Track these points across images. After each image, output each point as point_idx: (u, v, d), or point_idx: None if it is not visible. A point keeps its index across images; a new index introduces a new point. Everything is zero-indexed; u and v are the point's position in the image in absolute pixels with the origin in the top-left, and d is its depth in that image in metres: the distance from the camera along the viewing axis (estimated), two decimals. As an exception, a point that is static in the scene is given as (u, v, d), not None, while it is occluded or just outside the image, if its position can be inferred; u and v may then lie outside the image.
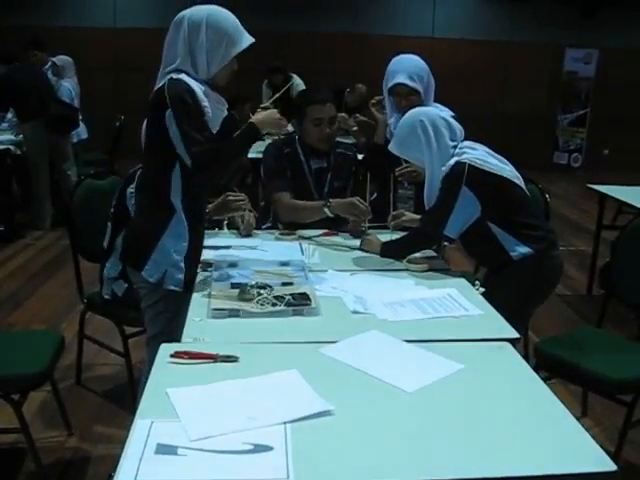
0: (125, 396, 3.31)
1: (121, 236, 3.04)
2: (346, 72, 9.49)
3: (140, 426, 1.51)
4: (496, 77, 11.13)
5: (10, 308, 4.63)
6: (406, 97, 3.20)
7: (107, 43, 10.55)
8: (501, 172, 2.68)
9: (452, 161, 2.69)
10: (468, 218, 2.68)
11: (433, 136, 2.73)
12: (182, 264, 2.49)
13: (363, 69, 10.38)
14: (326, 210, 3.09)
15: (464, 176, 2.62)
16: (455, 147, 2.74)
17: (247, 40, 2.42)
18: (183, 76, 2.37)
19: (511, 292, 2.66)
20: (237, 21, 2.42)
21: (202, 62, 2.38)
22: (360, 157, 3.63)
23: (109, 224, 3.11)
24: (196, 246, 2.57)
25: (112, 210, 3.09)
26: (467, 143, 2.77)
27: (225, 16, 2.40)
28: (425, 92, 3.21)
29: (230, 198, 3.00)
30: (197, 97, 2.35)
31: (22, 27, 9.76)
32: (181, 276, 2.49)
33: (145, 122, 2.54)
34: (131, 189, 2.97)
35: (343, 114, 7.16)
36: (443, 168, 2.70)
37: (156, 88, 2.41)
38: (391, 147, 2.87)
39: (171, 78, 2.36)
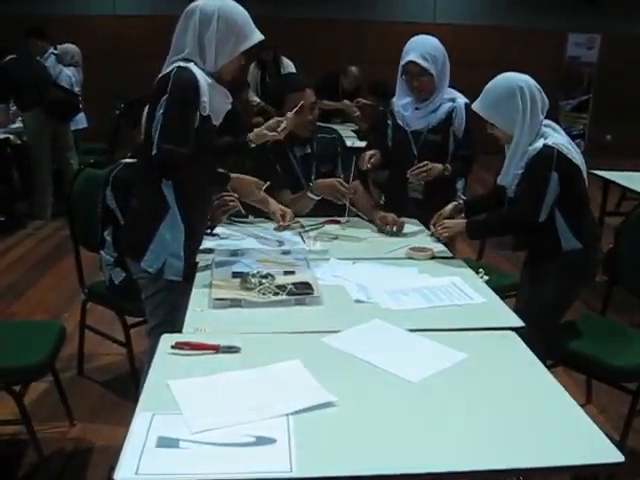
0: (127, 386, 3.30)
1: (108, 231, 3.03)
2: (347, 58, 9.40)
3: (141, 419, 1.49)
4: (498, 62, 10.97)
5: (11, 298, 4.62)
6: (417, 77, 3.13)
7: (107, 31, 10.48)
8: (578, 163, 2.64)
9: (539, 143, 2.61)
10: (551, 201, 2.63)
11: (529, 105, 2.61)
12: (182, 253, 2.46)
13: (364, 55, 10.33)
14: (309, 194, 3.09)
15: (554, 161, 2.57)
16: (541, 122, 2.66)
17: (257, 37, 2.41)
18: (191, 65, 2.34)
19: (559, 283, 2.70)
20: (248, 16, 2.40)
21: (210, 54, 2.35)
22: (363, 144, 3.60)
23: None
24: (193, 237, 2.53)
25: (100, 207, 3.08)
26: (549, 122, 2.69)
27: (237, 10, 2.38)
28: (439, 76, 3.15)
29: (226, 198, 2.88)
30: (199, 90, 2.32)
31: (20, 16, 9.69)
32: (180, 265, 2.47)
33: (146, 110, 2.50)
34: (108, 192, 2.93)
35: (345, 101, 7.18)
36: (529, 148, 2.61)
37: (161, 75, 2.38)
38: (478, 107, 2.70)
39: (179, 66, 2.32)
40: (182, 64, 2.33)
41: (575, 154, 2.64)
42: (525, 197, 2.66)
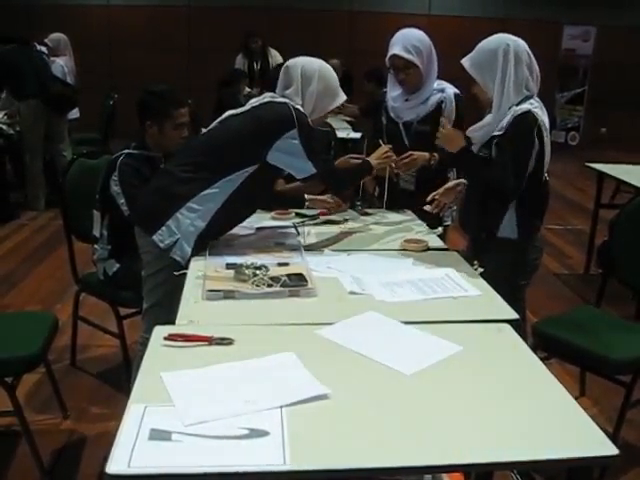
0: (120, 377, 3.29)
1: (105, 222, 3.05)
2: (342, 50, 9.39)
3: (133, 411, 1.48)
4: (493, 55, 11.02)
5: (5, 289, 4.60)
6: (403, 70, 3.14)
7: (100, 20, 10.42)
8: (546, 150, 2.59)
9: (524, 106, 2.54)
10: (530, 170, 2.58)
11: (513, 65, 2.55)
12: (193, 240, 2.54)
13: (358, 46, 10.30)
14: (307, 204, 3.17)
15: (535, 127, 2.52)
16: (528, 98, 2.58)
17: (342, 97, 2.76)
18: (301, 108, 2.60)
19: (498, 272, 2.61)
20: (337, 78, 2.74)
21: (308, 107, 2.64)
22: (358, 135, 3.62)
23: (95, 212, 3.10)
24: (214, 232, 2.62)
25: (97, 197, 3.08)
26: (540, 102, 2.62)
27: (332, 73, 2.73)
28: (426, 67, 3.14)
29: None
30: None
31: (14, 5, 9.65)
32: (188, 251, 2.54)
33: (232, 117, 2.65)
34: (114, 177, 2.95)
35: None
36: (515, 107, 2.55)
37: (270, 101, 2.63)
38: (464, 61, 2.68)
39: (293, 106, 2.57)
40: (294, 105, 2.58)
41: (549, 139, 2.60)
42: (508, 162, 2.55)
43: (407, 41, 3.11)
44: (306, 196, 3.11)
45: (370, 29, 10.41)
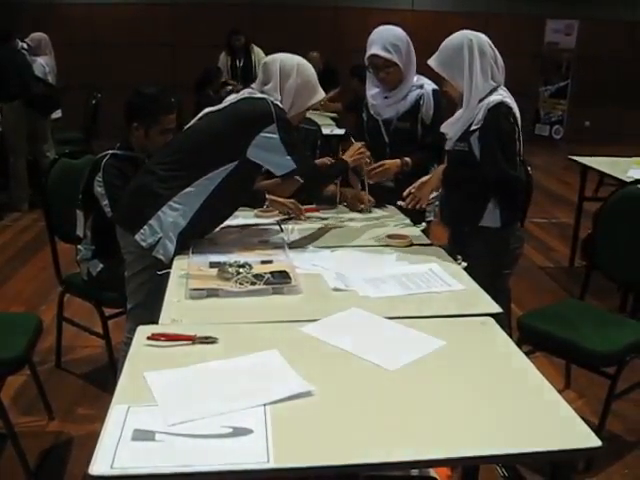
0: (106, 378, 3.27)
1: (89, 222, 3.03)
2: (327, 46, 9.37)
3: (116, 411, 1.47)
4: (477, 49, 11.04)
5: (-11, 291, 4.57)
6: (383, 69, 3.14)
7: (83, 19, 10.35)
8: (520, 143, 2.67)
9: (497, 97, 2.63)
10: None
11: (478, 59, 2.64)
12: (175, 238, 2.52)
13: (343, 43, 10.27)
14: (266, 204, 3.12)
15: (510, 116, 2.63)
16: (495, 89, 2.66)
17: (321, 94, 2.74)
18: (280, 104, 2.58)
19: (484, 264, 2.64)
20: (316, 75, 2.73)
21: (287, 102, 2.61)
22: (342, 132, 3.62)
23: (78, 212, 3.08)
24: (196, 230, 2.60)
25: (80, 197, 3.06)
26: (505, 89, 2.70)
27: (311, 68, 2.71)
28: (405, 65, 3.15)
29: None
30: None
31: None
32: (171, 249, 2.52)
33: (211, 114, 2.63)
34: (98, 178, 2.94)
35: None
36: (485, 101, 2.63)
37: (248, 97, 2.61)
38: (431, 61, 2.74)
39: (272, 101, 2.55)
40: (273, 100, 2.56)
41: (519, 127, 2.70)
42: (499, 155, 2.63)
43: (385, 40, 3.10)
44: (267, 196, 3.07)
45: (355, 25, 10.40)
